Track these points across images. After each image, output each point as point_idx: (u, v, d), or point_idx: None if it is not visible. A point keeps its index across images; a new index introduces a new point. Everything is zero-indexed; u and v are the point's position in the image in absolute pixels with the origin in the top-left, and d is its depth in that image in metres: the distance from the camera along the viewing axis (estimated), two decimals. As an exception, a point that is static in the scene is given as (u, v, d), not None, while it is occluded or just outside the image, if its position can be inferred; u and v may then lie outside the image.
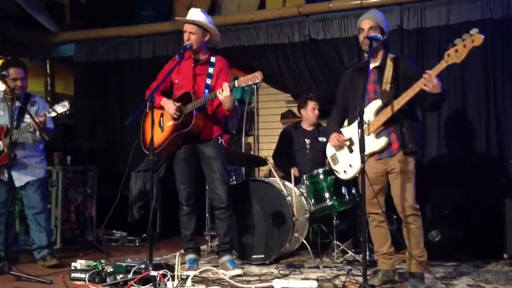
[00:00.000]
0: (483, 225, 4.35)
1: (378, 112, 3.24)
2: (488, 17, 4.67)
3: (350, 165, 3.39)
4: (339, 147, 3.46)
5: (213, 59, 3.94)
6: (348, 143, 3.39)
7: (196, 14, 3.87)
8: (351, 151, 3.38)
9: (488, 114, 4.69)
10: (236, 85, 3.66)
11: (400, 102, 3.14)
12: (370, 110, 3.27)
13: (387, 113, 3.19)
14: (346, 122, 3.56)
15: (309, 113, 5.02)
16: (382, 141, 3.23)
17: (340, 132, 3.45)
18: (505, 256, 4.03)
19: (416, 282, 3.20)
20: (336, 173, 3.60)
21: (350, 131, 3.40)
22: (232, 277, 3.57)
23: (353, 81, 3.40)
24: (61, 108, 3.89)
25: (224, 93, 3.64)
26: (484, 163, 4.61)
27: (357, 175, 3.34)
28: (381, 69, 3.31)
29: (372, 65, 3.34)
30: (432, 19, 4.91)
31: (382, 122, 3.22)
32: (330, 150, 3.58)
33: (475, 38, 2.91)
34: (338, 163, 3.51)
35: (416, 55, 4.89)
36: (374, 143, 3.26)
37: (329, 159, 3.60)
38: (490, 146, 4.65)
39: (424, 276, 3.26)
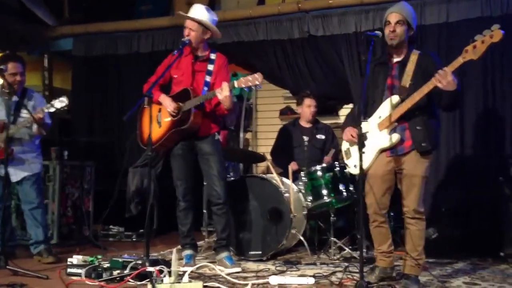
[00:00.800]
0: (481, 224, 4.34)
1: (394, 107, 3.16)
2: (488, 15, 4.65)
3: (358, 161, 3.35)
4: (353, 142, 3.36)
5: (213, 56, 3.93)
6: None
7: (199, 11, 3.85)
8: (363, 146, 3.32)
9: (487, 112, 4.68)
10: (236, 86, 3.64)
11: (414, 99, 3.05)
12: (386, 105, 3.20)
13: (401, 109, 3.11)
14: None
15: (305, 110, 5.03)
16: (394, 137, 3.15)
17: (355, 126, 3.39)
18: (502, 254, 4.03)
19: (409, 284, 3.14)
20: (347, 167, 3.55)
21: (366, 126, 3.29)
22: (230, 274, 3.56)
23: (374, 75, 3.30)
24: (59, 103, 3.88)
25: (223, 93, 3.62)
26: (483, 162, 4.60)
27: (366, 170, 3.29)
28: (403, 64, 3.23)
29: (394, 60, 3.28)
30: (432, 17, 4.89)
31: (395, 118, 3.14)
32: (345, 144, 3.50)
33: (495, 34, 2.84)
34: (350, 158, 3.44)
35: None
36: (385, 139, 3.18)
37: (343, 153, 3.53)
38: (489, 145, 4.64)
39: (418, 279, 3.20)
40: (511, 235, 4.00)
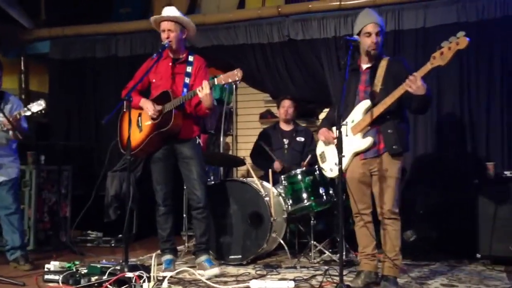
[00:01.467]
0: (458, 225, 4.41)
1: (366, 112, 3.24)
2: (464, 21, 4.75)
3: (336, 164, 3.39)
4: (328, 145, 3.47)
5: (191, 58, 3.92)
6: (336, 141, 3.38)
7: (172, 11, 3.84)
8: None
9: (463, 116, 4.77)
10: (216, 83, 3.64)
11: (386, 103, 3.14)
12: (358, 110, 3.28)
13: (374, 113, 3.19)
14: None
15: (281, 110, 5.10)
16: (368, 141, 3.23)
17: (330, 129, 3.45)
18: (478, 256, 4.10)
19: (388, 285, 3.19)
20: (323, 171, 3.61)
21: (342, 129, 3.35)
22: (210, 277, 3.55)
23: (347, 81, 3.37)
24: (37, 107, 3.82)
25: (204, 91, 3.62)
26: (459, 165, 4.68)
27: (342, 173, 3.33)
28: (374, 70, 3.31)
29: (364, 66, 3.36)
30: (409, 22, 4.97)
31: (368, 122, 3.22)
32: (319, 148, 3.59)
33: (460, 41, 2.93)
34: (325, 161, 3.52)
35: (394, 56, 4.94)
36: (359, 143, 3.27)
37: (318, 157, 3.61)
38: (465, 149, 4.73)
39: (397, 281, 3.25)
40: (487, 237, 4.06)
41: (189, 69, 3.89)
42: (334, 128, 3.43)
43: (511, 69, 4.63)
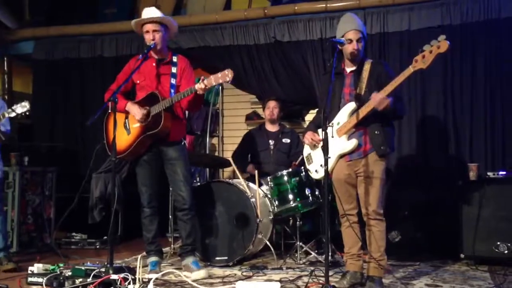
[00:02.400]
0: (441, 226, 4.46)
1: (351, 114, 3.28)
2: (448, 23, 4.81)
3: (321, 165, 3.41)
4: (314, 147, 3.50)
5: (175, 59, 3.91)
6: (321, 143, 3.40)
7: (154, 12, 3.83)
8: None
9: (447, 117, 4.82)
10: (206, 83, 3.56)
11: (364, 111, 3.19)
12: (344, 112, 3.31)
13: (358, 116, 3.22)
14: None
15: (266, 111, 5.12)
16: (352, 143, 3.27)
17: (316, 132, 3.47)
18: (462, 256, 4.14)
19: (373, 286, 3.22)
20: (309, 172, 3.64)
21: (328, 131, 3.38)
22: (197, 279, 3.54)
23: (333, 83, 3.41)
24: (21, 108, 3.77)
25: (203, 85, 3.56)
26: (443, 167, 4.73)
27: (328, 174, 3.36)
28: (357, 73, 3.36)
29: (349, 69, 3.41)
30: (394, 24, 5.02)
31: (353, 124, 3.26)
32: (306, 150, 3.62)
33: (441, 44, 2.99)
34: (311, 163, 3.55)
35: (379, 59, 4.98)
36: (344, 145, 3.30)
37: (305, 159, 3.64)
38: (449, 149, 4.78)
39: (382, 281, 3.28)
40: (470, 237, 4.11)
41: (174, 69, 3.88)
42: (319, 131, 3.46)
43: (494, 71, 4.69)
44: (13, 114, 3.77)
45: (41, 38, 6.27)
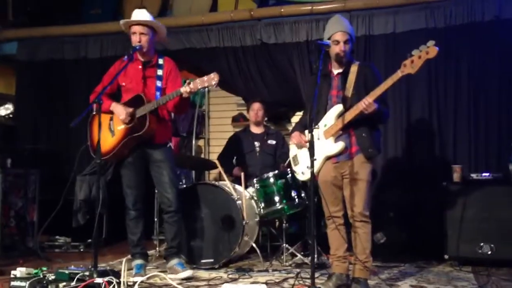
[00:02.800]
0: (426, 227, 4.50)
1: (339, 116, 3.28)
2: (432, 26, 4.86)
3: (307, 167, 3.41)
4: (301, 148, 3.50)
5: (161, 61, 3.89)
6: (308, 144, 3.41)
7: (144, 15, 3.81)
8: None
9: (431, 119, 4.86)
10: (192, 87, 3.58)
11: (351, 114, 3.20)
12: (331, 114, 3.32)
13: (346, 118, 3.23)
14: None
15: (251, 113, 5.12)
16: (339, 145, 3.28)
17: (303, 133, 3.47)
18: (446, 257, 4.18)
19: (359, 287, 3.23)
20: (295, 174, 3.64)
21: (315, 133, 3.35)
22: (182, 280, 3.52)
23: (319, 85, 3.42)
24: (4, 110, 3.74)
25: (189, 88, 3.57)
26: (428, 168, 4.77)
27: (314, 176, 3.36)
28: (345, 75, 3.36)
29: (336, 71, 3.41)
30: (379, 27, 5.05)
31: (340, 127, 3.26)
32: (292, 151, 3.62)
33: (430, 50, 3.02)
34: (298, 164, 3.55)
35: (364, 61, 5.00)
36: (331, 147, 3.30)
37: (291, 160, 3.64)
38: (433, 151, 4.82)
39: (367, 282, 3.30)
40: (454, 238, 4.14)
41: (160, 72, 3.87)
42: (306, 132, 3.46)
43: (478, 74, 4.75)
44: None
45: (25, 39, 6.20)
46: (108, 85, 3.67)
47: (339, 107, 3.30)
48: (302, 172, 3.51)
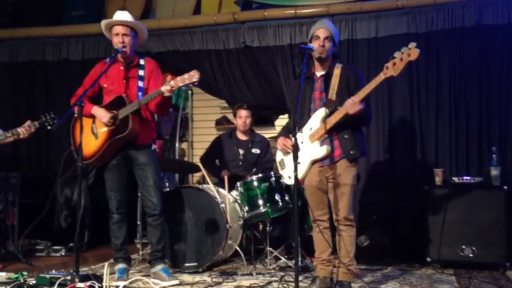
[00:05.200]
0: (409, 231, 4.54)
1: (324, 120, 3.29)
2: (414, 31, 4.91)
3: (294, 171, 3.41)
4: (286, 152, 3.49)
5: (142, 62, 3.88)
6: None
7: (126, 16, 3.80)
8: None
9: (413, 124, 4.91)
10: (173, 85, 3.57)
11: (336, 118, 3.22)
12: (317, 118, 3.33)
13: (331, 121, 3.24)
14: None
15: (237, 120, 5.12)
16: (324, 149, 3.28)
17: (288, 137, 3.46)
18: (428, 259, 4.22)
19: None
20: (282, 178, 3.63)
21: (300, 137, 3.38)
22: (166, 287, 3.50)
23: (302, 89, 3.42)
24: None
25: (169, 86, 3.55)
26: (410, 172, 4.81)
27: (301, 180, 3.38)
28: (328, 77, 3.37)
29: (319, 74, 3.42)
30: (362, 32, 5.09)
31: (325, 130, 3.27)
32: (279, 155, 3.61)
33: (412, 52, 3.05)
34: (284, 168, 3.54)
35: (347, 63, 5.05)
36: (317, 151, 3.31)
37: (277, 164, 3.63)
38: (415, 156, 4.87)
39: (351, 286, 3.32)
40: (436, 241, 4.19)
41: (141, 72, 3.85)
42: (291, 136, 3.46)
43: (458, 78, 4.81)
44: None
45: (5, 40, 6.11)
46: (90, 87, 3.64)
47: (323, 111, 3.31)
48: (289, 177, 3.48)
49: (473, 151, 4.73)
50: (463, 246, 4.12)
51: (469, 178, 4.32)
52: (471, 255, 4.10)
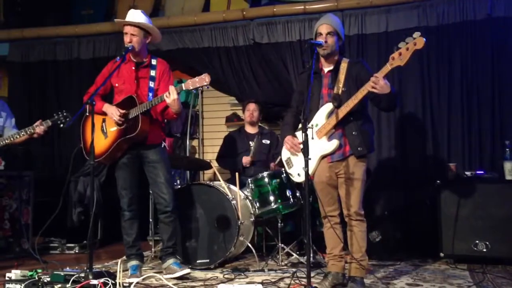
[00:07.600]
0: (421, 225, 4.52)
1: (329, 115, 3.27)
2: (425, 25, 4.88)
3: (303, 168, 3.40)
4: (294, 153, 3.47)
5: (154, 62, 3.88)
6: (301, 146, 3.39)
7: (137, 15, 3.80)
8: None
9: (425, 118, 4.88)
10: (184, 88, 3.62)
11: (349, 105, 3.17)
12: (322, 113, 3.31)
13: (338, 116, 3.22)
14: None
15: (246, 114, 5.16)
16: (334, 143, 3.26)
17: (294, 136, 3.46)
18: (442, 254, 4.20)
19: (355, 286, 3.23)
20: (290, 176, 3.60)
21: (308, 133, 3.36)
22: (178, 281, 3.52)
23: (312, 84, 3.38)
24: None
25: (171, 97, 3.59)
26: (422, 167, 4.79)
27: (310, 176, 3.36)
28: (335, 72, 3.35)
29: (326, 69, 3.40)
30: (372, 26, 5.07)
31: (333, 125, 3.25)
32: (285, 154, 3.58)
33: (418, 41, 3.00)
34: (292, 167, 3.52)
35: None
36: (326, 146, 3.29)
37: (284, 163, 3.60)
38: (427, 149, 4.84)
39: (364, 281, 3.30)
40: (449, 236, 4.16)
41: (153, 73, 3.86)
42: (297, 134, 3.46)
43: (470, 72, 4.77)
44: None
45: (16, 40, 6.17)
46: (101, 86, 3.66)
47: (329, 106, 3.28)
48: (298, 174, 3.46)
49: (486, 145, 4.69)
50: (477, 241, 4.09)
51: (482, 172, 4.29)
52: (484, 250, 4.07)
